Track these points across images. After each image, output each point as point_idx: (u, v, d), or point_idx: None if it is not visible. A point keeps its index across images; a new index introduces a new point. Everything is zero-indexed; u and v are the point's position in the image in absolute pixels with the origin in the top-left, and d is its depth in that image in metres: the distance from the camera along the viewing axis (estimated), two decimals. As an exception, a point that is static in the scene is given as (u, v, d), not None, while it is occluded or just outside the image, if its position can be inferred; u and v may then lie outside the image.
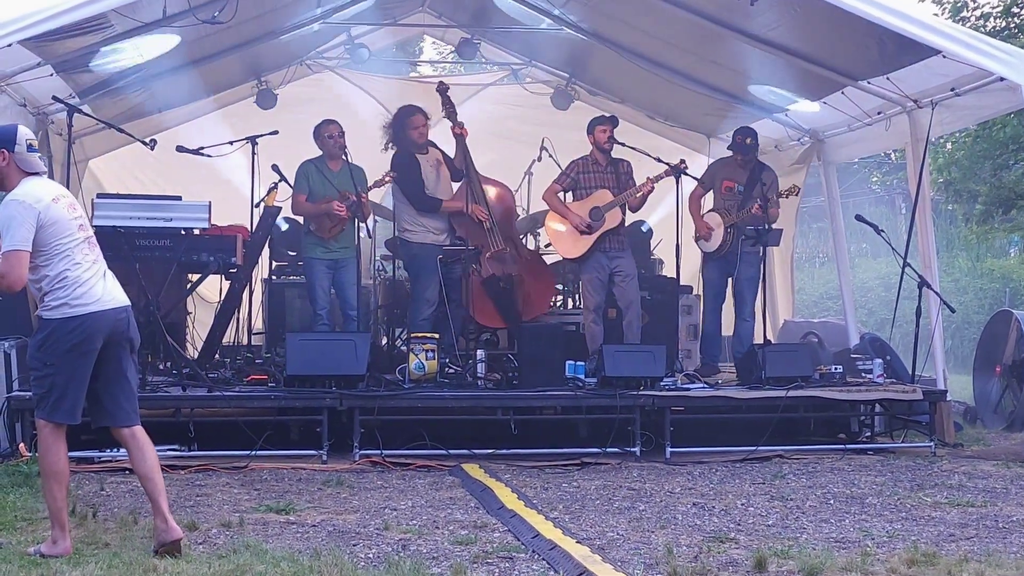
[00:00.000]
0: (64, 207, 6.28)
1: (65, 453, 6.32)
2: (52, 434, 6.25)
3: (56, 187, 6.45)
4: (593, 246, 11.28)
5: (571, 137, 12.56)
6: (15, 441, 9.10)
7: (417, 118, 11.49)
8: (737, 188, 11.77)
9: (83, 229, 6.38)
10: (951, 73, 10.31)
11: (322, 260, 11.19)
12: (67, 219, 6.26)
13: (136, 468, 6.50)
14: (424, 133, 11.48)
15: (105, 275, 6.42)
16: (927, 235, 11.39)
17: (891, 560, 6.26)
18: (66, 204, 6.31)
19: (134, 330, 6.50)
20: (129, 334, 6.44)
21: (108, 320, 6.30)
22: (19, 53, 9.59)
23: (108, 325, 6.30)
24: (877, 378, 10.93)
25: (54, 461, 6.26)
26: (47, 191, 6.29)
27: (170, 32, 10.61)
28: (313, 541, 6.71)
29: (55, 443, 6.26)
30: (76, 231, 6.30)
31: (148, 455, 6.43)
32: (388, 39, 16.24)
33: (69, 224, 6.27)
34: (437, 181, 11.48)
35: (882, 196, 31.62)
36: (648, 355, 10.25)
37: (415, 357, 10.28)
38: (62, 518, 6.24)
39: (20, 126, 6.51)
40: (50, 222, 6.17)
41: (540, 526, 7.05)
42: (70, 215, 6.29)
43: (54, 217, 6.20)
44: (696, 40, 11.91)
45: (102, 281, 6.35)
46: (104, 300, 6.30)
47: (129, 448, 6.48)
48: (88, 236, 6.41)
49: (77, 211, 6.39)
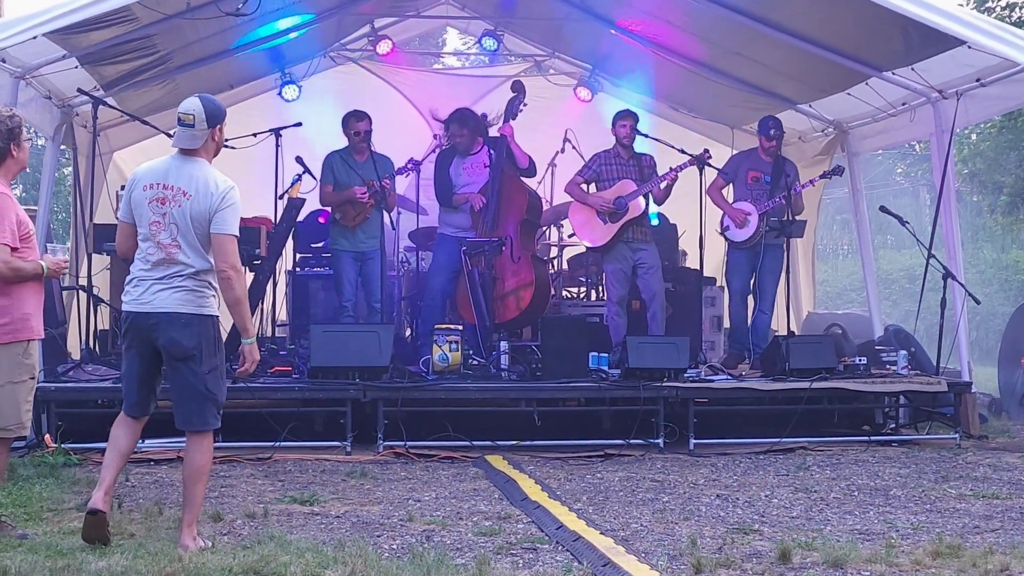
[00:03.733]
0: None
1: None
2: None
3: None
4: (616, 236, 11.28)
5: (595, 129, 12.54)
6: (41, 432, 9.14)
7: (453, 127, 11.80)
8: (764, 178, 11.76)
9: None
10: (976, 63, 10.26)
11: (348, 252, 11.27)
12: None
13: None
14: (464, 138, 11.66)
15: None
16: (952, 226, 11.34)
17: (916, 552, 6.24)
18: None
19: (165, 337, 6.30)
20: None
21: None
22: (44, 46, 9.62)
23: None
24: (901, 370, 10.90)
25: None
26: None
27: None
28: (337, 532, 6.73)
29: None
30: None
31: (186, 461, 6.43)
32: (411, 31, 16.24)
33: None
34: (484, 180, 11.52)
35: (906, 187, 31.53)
36: (672, 347, 10.25)
37: (439, 348, 10.30)
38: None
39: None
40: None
41: (564, 517, 7.05)
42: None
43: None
44: (720, 31, 11.87)
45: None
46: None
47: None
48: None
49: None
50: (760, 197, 11.71)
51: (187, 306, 6.24)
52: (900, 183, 32.47)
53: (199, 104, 6.34)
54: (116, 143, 13.09)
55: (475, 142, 11.68)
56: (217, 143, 6.45)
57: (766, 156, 11.89)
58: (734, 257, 12.01)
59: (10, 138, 6.72)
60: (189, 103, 6.35)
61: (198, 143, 6.33)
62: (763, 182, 11.77)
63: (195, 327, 6.24)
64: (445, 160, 11.72)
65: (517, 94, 11.67)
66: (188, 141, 6.32)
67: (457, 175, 11.61)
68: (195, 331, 6.24)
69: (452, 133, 11.77)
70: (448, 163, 11.65)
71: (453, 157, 11.68)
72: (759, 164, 11.90)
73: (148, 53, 11.07)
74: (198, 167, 6.32)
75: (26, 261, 6.66)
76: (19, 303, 6.63)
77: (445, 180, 11.62)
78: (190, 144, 6.32)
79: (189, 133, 6.30)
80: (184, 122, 6.29)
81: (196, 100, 6.38)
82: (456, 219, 11.61)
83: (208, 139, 6.35)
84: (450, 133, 11.80)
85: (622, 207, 11.24)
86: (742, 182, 11.92)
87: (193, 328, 6.23)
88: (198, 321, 6.26)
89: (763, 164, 11.87)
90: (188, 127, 6.29)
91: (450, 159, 11.68)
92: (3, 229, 6.55)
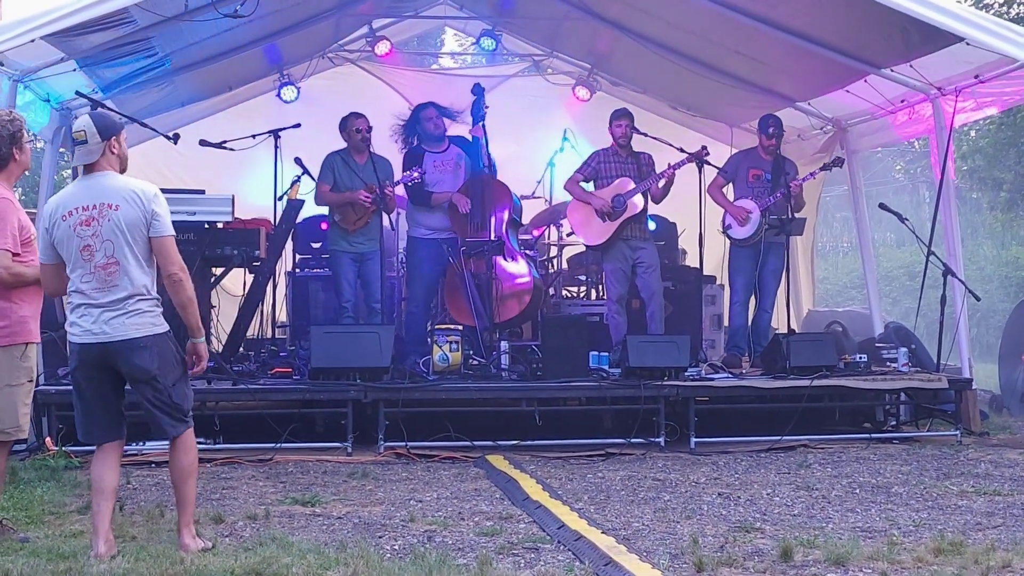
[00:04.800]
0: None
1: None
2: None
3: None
4: (615, 235, 11.28)
5: (593, 128, 12.55)
6: (42, 435, 9.14)
7: (428, 111, 11.73)
8: (765, 176, 11.77)
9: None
10: (975, 60, 10.26)
11: (347, 253, 11.27)
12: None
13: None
14: (439, 124, 11.61)
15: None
16: (951, 223, 11.34)
17: (918, 549, 6.24)
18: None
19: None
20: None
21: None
22: (42, 49, 9.61)
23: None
24: (902, 367, 10.90)
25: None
26: None
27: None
28: (339, 533, 6.73)
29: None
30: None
31: (172, 464, 6.41)
32: (409, 31, 16.25)
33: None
34: (455, 177, 11.52)
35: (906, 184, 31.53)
36: (672, 345, 10.25)
37: (439, 349, 10.31)
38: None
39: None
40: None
41: (565, 517, 7.05)
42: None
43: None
44: (719, 29, 11.87)
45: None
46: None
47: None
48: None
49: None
50: (761, 195, 11.72)
51: (143, 329, 6.16)
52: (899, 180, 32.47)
53: (88, 120, 6.29)
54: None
55: (444, 132, 11.67)
56: (119, 155, 6.34)
57: (766, 154, 11.89)
58: (736, 255, 11.99)
59: (12, 142, 6.72)
60: (79, 122, 6.32)
61: (95, 156, 6.23)
62: (764, 180, 11.78)
63: (154, 348, 6.18)
64: (415, 159, 11.63)
65: (478, 97, 11.67)
66: (85, 156, 6.25)
67: (429, 172, 11.58)
68: (154, 352, 6.18)
69: (425, 117, 11.71)
70: (419, 162, 11.60)
71: (423, 154, 11.63)
72: (759, 162, 11.90)
73: (147, 56, 11.06)
74: (111, 179, 6.26)
75: (27, 266, 6.64)
76: (18, 307, 6.62)
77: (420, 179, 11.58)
78: (88, 159, 6.24)
79: (84, 149, 6.23)
80: (77, 140, 6.25)
81: (86, 117, 6.35)
82: (431, 220, 11.59)
83: (106, 151, 6.25)
84: (422, 117, 11.72)
85: (620, 205, 11.24)
86: (743, 180, 11.92)
87: (152, 350, 6.17)
88: (155, 341, 6.20)
89: (763, 162, 11.88)
90: (82, 144, 6.23)
91: (420, 157, 11.63)
92: (4, 234, 6.54)
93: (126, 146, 6.44)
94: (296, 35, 13.00)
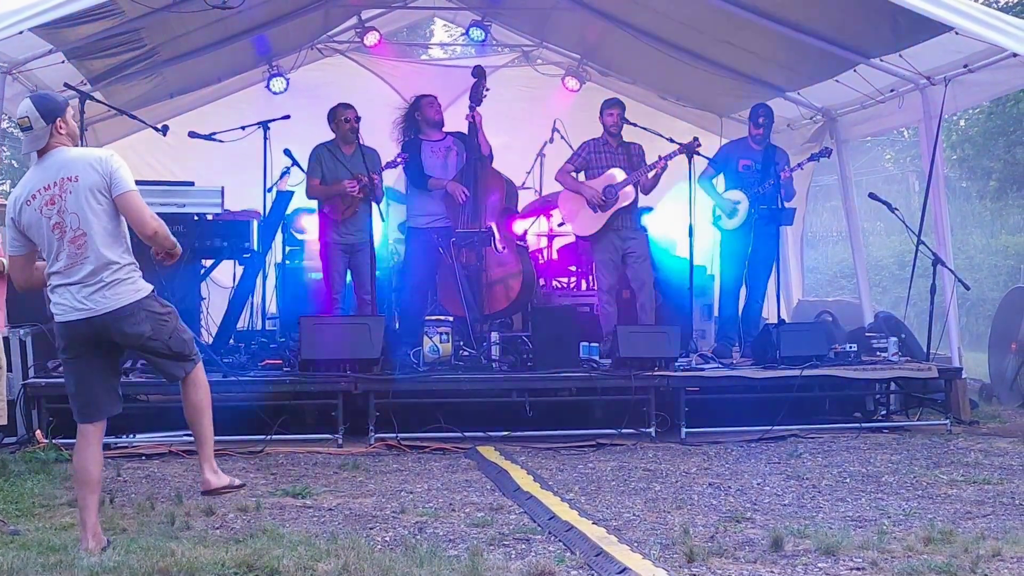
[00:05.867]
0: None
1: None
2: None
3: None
4: (605, 226, 11.27)
5: (583, 118, 12.54)
6: (32, 428, 9.12)
7: (431, 98, 11.73)
8: (755, 166, 11.77)
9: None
10: (964, 49, 10.27)
11: (337, 244, 11.25)
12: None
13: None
14: (440, 111, 11.65)
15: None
16: (941, 212, 11.36)
17: (908, 538, 6.25)
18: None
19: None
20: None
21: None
22: (30, 40, 9.59)
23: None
24: (892, 356, 10.91)
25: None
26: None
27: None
28: (330, 525, 6.72)
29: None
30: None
31: (185, 402, 6.43)
32: (399, 22, 16.23)
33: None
34: (444, 167, 11.51)
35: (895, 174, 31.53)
36: (662, 336, 10.25)
37: (429, 340, 10.29)
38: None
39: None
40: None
41: (556, 508, 7.05)
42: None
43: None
44: (708, 19, 11.87)
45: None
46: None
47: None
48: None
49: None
50: (751, 185, 11.71)
51: (125, 297, 6.10)
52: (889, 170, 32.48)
53: (30, 104, 6.16)
54: (104, 138, 13.08)
55: (442, 120, 11.66)
56: (68, 133, 6.22)
57: (756, 144, 11.89)
58: (726, 246, 12.00)
59: None
60: (22, 107, 6.19)
61: (43, 142, 6.14)
62: (754, 170, 11.77)
63: (140, 312, 6.13)
64: (414, 146, 11.60)
65: (478, 79, 11.60)
66: (33, 143, 6.16)
67: (427, 161, 11.55)
68: (142, 316, 6.13)
69: (427, 103, 11.67)
70: (418, 150, 11.56)
71: (420, 142, 11.61)
72: (749, 152, 11.90)
73: (135, 47, 11.05)
74: (66, 153, 6.16)
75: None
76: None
77: (418, 164, 11.53)
78: (36, 145, 6.16)
79: (31, 135, 6.14)
80: (22, 126, 6.15)
81: (27, 102, 6.21)
82: (430, 206, 11.53)
83: (53, 133, 6.14)
84: (423, 103, 11.67)
85: (612, 196, 11.24)
86: (733, 171, 11.91)
87: (139, 314, 6.13)
88: (141, 306, 6.14)
89: (753, 152, 11.88)
90: (28, 130, 6.13)
91: (418, 144, 11.60)
92: None
93: (74, 123, 6.34)
94: (285, 26, 12.99)
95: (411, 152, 11.54)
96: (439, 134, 11.65)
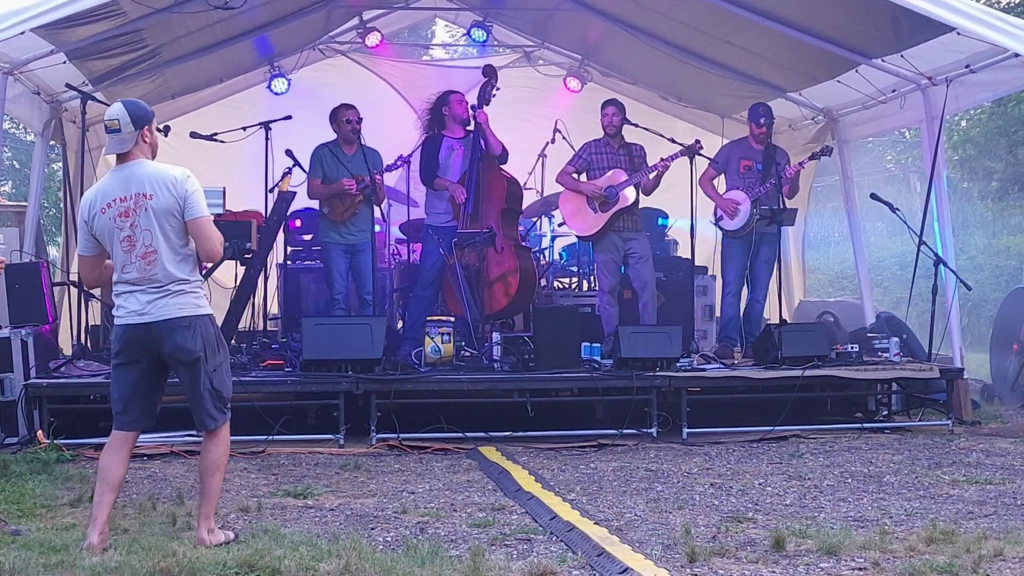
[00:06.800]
0: None
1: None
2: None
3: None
4: (606, 226, 11.28)
5: (584, 119, 12.54)
6: (33, 428, 9.13)
7: (459, 94, 11.75)
8: (755, 166, 11.77)
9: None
10: (966, 50, 10.27)
11: (338, 244, 11.25)
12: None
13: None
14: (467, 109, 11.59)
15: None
16: (942, 213, 11.35)
17: (909, 538, 6.25)
18: None
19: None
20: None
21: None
22: (32, 41, 9.60)
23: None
24: (893, 357, 10.91)
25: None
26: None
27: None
28: (331, 525, 6.73)
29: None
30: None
31: (203, 455, 6.45)
32: (400, 23, 16.23)
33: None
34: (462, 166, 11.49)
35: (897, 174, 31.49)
36: (664, 336, 10.25)
37: (431, 340, 10.30)
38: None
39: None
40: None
41: (558, 508, 7.06)
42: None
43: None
44: (710, 19, 11.87)
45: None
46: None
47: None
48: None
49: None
50: (752, 185, 11.71)
51: (185, 309, 6.23)
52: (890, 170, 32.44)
53: (122, 108, 6.31)
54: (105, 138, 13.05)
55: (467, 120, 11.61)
56: (151, 144, 6.39)
57: (757, 144, 11.89)
58: (728, 246, 11.99)
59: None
60: (112, 109, 6.33)
61: (128, 146, 6.27)
62: (755, 170, 11.77)
63: (197, 328, 6.24)
64: (434, 143, 11.58)
65: (489, 78, 11.59)
66: (118, 146, 6.29)
67: (444, 157, 11.54)
68: (198, 332, 6.24)
69: (456, 100, 11.63)
70: (437, 146, 11.55)
71: (442, 140, 11.59)
72: (750, 152, 11.90)
73: (137, 48, 11.06)
74: (144, 167, 6.28)
75: None
76: None
77: (432, 162, 11.50)
78: (120, 148, 6.29)
79: (117, 138, 6.27)
80: (110, 128, 6.27)
81: (119, 105, 6.36)
82: (442, 205, 11.54)
83: (139, 140, 6.29)
84: (452, 99, 11.62)
85: (613, 196, 11.24)
86: (733, 171, 11.91)
87: (195, 330, 6.23)
88: (199, 322, 6.26)
89: (754, 152, 11.88)
90: (115, 132, 6.26)
91: (439, 143, 11.58)
92: None
93: (156, 135, 6.48)
94: (287, 27, 13.00)
95: (427, 148, 11.55)
96: (462, 132, 11.61)
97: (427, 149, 11.59)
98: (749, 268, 11.86)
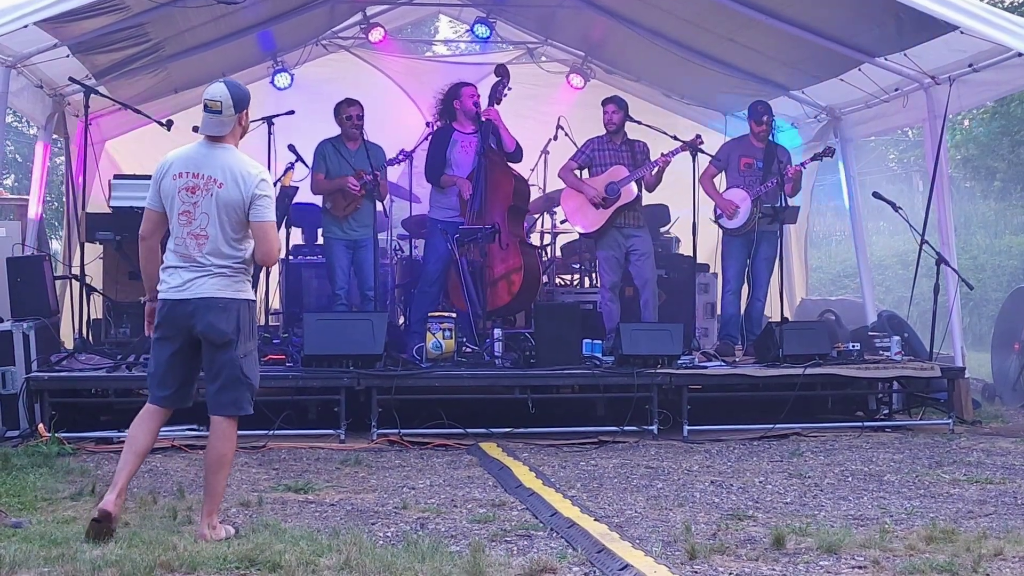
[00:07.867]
0: None
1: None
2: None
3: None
4: (608, 223, 11.27)
5: (587, 116, 12.54)
6: (35, 422, 9.13)
7: (472, 88, 11.71)
8: (756, 164, 11.76)
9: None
10: (969, 49, 10.27)
11: (340, 240, 11.26)
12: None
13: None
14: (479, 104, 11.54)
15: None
16: (945, 212, 11.36)
17: (910, 537, 6.25)
18: None
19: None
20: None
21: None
22: (35, 35, 9.61)
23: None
24: (895, 355, 10.91)
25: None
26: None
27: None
28: (332, 520, 6.73)
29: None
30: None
31: (209, 448, 6.44)
32: (403, 18, 16.23)
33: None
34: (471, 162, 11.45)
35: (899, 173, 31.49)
36: (665, 333, 10.25)
37: (432, 336, 10.29)
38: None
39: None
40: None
41: (558, 504, 7.06)
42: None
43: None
44: (713, 17, 11.86)
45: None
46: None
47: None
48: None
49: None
50: (753, 183, 11.70)
51: (225, 291, 6.21)
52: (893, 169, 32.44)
53: (225, 89, 6.20)
54: (108, 132, 13.07)
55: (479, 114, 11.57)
56: (244, 128, 6.35)
57: (757, 142, 11.88)
58: (728, 245, 11.98)
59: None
60: (215, 89, 6.21)
61: (226, 129, 6.21)
62: (755, 168, 11.76)
63: (232, 311, 6.21)
64: (443, 137, 11.55)
65: (501, 78, 11.58)
66: (216, 128, 6.21)
67: (453, 154, 11.51)
68: (232, 315, 6.21)
69: (467, 94, 11.58)
70: (446, 141, 11.51)
71: (451, 135, 11.55)
72: (751, 150, 11.89)
73: (140, 42, 11.06)
74: (228, 155, 6.22)
75: None
76: None
77: (439, 158, 11.46)
78: (218, 131, 6.21)
79: (216, 120, 6.18)
80: (211, 108, 6.16)
81: (222, 86, 6.24)
82: (447, 200, 11.51)
83: (235, 124, 6.24)
84: (464, 93, 11.57)
85: (614, 193, 11.23)
86: (734, 169, 11.90)
87: (231, 312, 6.21)
88: (235, 305, 6.23)
89: (755, 150, 11.87)
90: (215, 113, 6.16)
91: (448, 137, 11.54)
92: None
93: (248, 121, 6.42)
94: (290, 22, 13.00)
95: (436, 142, 11.52)
96: (472, 127, 11.58)
97: (435, 143, 11.55)
98: (749, 266, 11.85)
